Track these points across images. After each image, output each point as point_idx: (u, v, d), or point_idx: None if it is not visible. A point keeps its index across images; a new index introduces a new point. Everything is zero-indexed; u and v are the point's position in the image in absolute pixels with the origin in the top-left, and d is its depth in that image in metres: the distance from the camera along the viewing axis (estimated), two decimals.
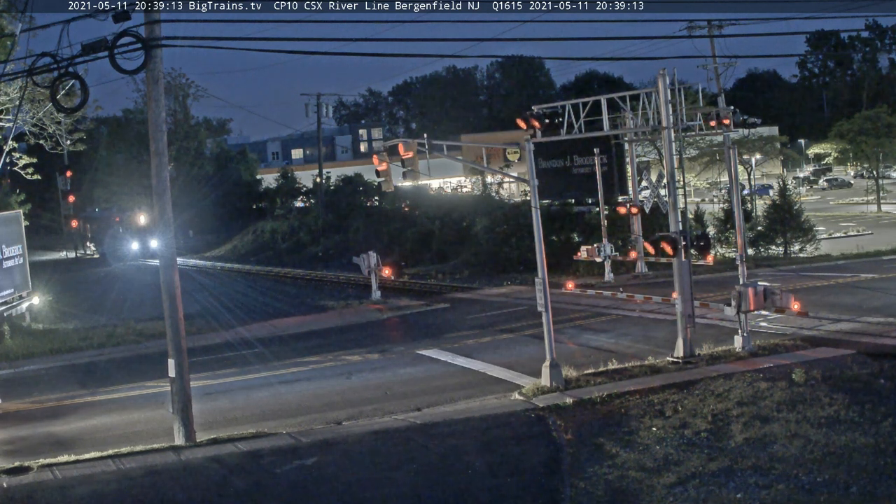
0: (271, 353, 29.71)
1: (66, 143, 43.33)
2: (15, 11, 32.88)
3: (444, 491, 15.42)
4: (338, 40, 42.00)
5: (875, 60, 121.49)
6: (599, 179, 40.90)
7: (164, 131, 19.05)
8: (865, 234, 54.80)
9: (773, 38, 42.80)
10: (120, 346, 32.18)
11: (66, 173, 68.03)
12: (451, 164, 78.05)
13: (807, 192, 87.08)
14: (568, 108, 27.45)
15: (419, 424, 19.25)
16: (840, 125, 76.10)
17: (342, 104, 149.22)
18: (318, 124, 70.33)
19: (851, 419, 17.32)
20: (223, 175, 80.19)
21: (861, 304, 29.92)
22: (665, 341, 25.08)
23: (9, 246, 35.24)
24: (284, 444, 18.18)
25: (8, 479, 16.46)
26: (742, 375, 21.04)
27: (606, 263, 39.71)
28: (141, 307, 39.15)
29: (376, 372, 25.77)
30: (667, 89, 25.09)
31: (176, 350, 18.86)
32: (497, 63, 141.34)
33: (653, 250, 24.10)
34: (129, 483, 16.25)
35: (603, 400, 20.24)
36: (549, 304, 22.11)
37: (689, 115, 29.46)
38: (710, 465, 15.57)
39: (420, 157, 25.87)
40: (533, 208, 22.84)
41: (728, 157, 29.08)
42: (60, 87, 24.78)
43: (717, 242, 45.78)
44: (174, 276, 19.01)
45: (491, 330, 30.91)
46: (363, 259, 39.39)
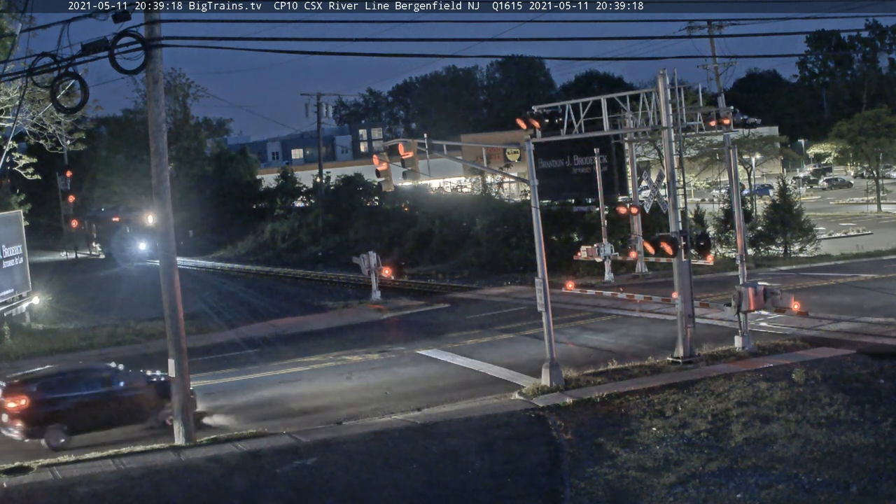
0: (271, 353, 29.72)
1: (66, 143, 43.32)
2: (15, 11, 32.89)
3: (444, 491, 15.42)
4: (338, 40, 41.98)
5: (875, 60, 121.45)
6: (599, 179, 40.88)
7: (164, 131, 19.06)
8: (865, 234, 54.78)
9: (773, 38, 42.83)
10: (121, 345, 32.15)
11: (66, 173, 67.93)
12: (451, 164, 77.98)
13: (807, 192, 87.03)
14: (568, 108, 27.44)
15: (419, 424, 19.26)
16: (840, 125, 76.07)
17: (342, 104, 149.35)
18: (318, 124, 70.27)
19: (851, 419, 17.32)
20: (223, 175, 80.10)
21: (861, 304, 29.92)
22: (665, 341, 25.08)
23: (9, 246, 35.26)
24: (284, 444, 18.19)
25: (8, 479, 16.46)
26: (742, 375, 21.04)
27: (606, 263, 39.71)
28: (142, 307, 39.13)
29: (376, 372, 25.78)
30: (667, 89, 25.09)
31: (176, 350, 18.87)
32: (497, 63, 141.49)
33: (653, 250, 24.12)
34: (129, 483, 16.25)
35: (603, 400, 20.25)
36: (549, 304, 22.11)
37: (689, 115, 29.43)
38: (710, 465, 15.57)
39: (420, 157, 25.87)
40: (533, 208, 22.85)
41: (728, 157, 29.08)
42: (60, 87, 24.76)
43: (717, 242, 45.77)
44: (174, 276, 19.02)
45: (491, 330, 30.91)
46: (363, 259, 39.39)
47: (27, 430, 19.65)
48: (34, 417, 19.63)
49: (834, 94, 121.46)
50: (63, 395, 20.09)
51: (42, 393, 19.89)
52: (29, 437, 19.72)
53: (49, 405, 19.76)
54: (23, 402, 19.65)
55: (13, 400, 19.69)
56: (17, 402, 19.65)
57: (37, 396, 19.76)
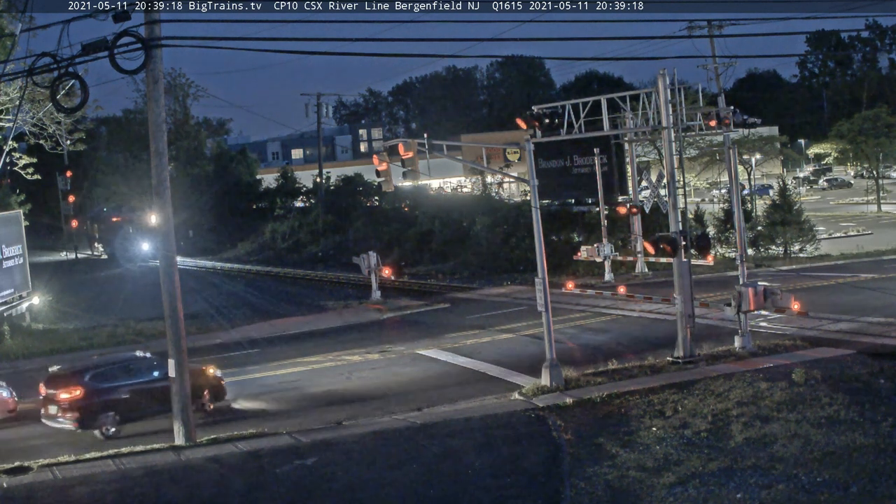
0: (271, 353, 29.73)
1: (66, 143, 43.27)
2: (15, 11, 32.88)
3: (444, 491, 15.41)
4: (338, 40, 42.03)
5: (875, 60, 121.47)
6: (599, 179, 40.89)
7: (164, 131, 19.06)
8: (865, 234, 54.78)
9: (773, 38, 42.82)
10: (120, 345, 32.12)
11: (66, 173, 67.88)
12: (451, 164, 77.92)
13: (807, 192, 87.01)
14: (568, 108, 27.45)
15: (419, 424, 19.26)
16: (840, 125, 76.05)
17: (342, 104, 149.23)
18: (318, 124, 70.23)
19: (851, 419, 17.32)
20: (223, 175, 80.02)
21: (861, 304, 29.92)
22: (665, 341, 25.07)
23: (9, 246, 35.28)
24: (284, 444, 18.19)
25: (8, 479, 16.46)
26: (742, 375, 21.04)
27: (606, 263, 39.71)
28: (142, 307, 39.15)
29: (376, 372, 25.78)
30: (667, 89, 25.09)
31: (176, 350, 18.87)
32: (497, 63, 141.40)
33: (653, 250, 24.11)
34: (129, 483, 16.25)
35: (603, 400, 20.25)
36: (549, 304, 22.11)
37: (689, 115, 29.44)
38: (710, 465, 15.56)
39: (420, 157, 25.88)
40: (533, 208, 22.85)
41: (728, 157, 29.08)
42: (60, 87, 24.74)
43: (717, 242, 45.78)
44: (174, 276, 19.02)
45: (491, 330, 30.91)
46: (363, 259, 39.39)
47: (82, 420, 20.07)
48: (89, 408, 20.01)
49: (834, 94, 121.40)
50: (116, 385, 20.56)
51: (96, 383, 20.27)
52: (83, 427, 20.13)
53: (104, 395, 20.23)
54: (77, 392, 20.05)
55: (67, 391, 20.08)
56: (72, 392, 20.06)
57: (91, 387, 20.16)
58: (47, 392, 20.44)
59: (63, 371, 21.36)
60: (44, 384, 20.74)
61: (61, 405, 20.05)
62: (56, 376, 20.89)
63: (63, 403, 20.02)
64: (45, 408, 20.48)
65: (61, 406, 20.05)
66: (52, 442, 19.90)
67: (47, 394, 20.43)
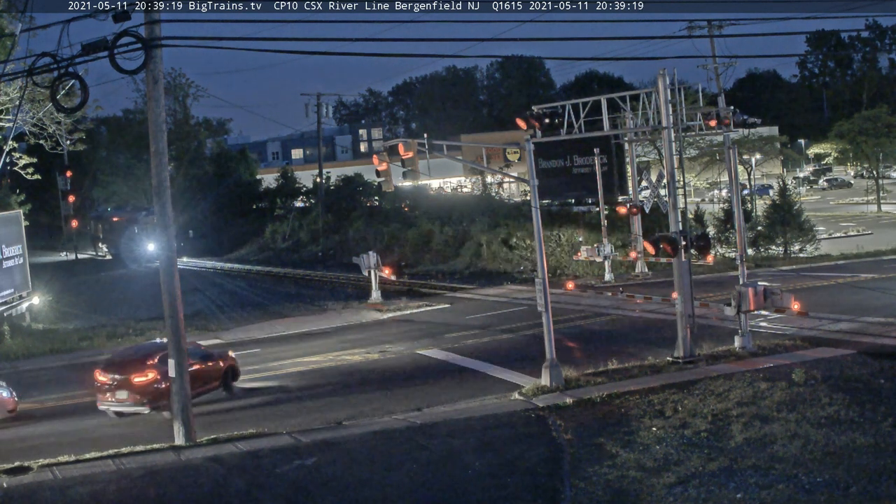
0: (271, 352, 29.73)
1: (66, 143, 43.26)
2: (15, 11, 32.88)
3: (444, 491, 15.41)
4: (338, 40, 42.02)
5: (875, 60, 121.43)
6: (599, 179, 40.91)
7: (164, 131, 19.05)
8: (865, 234, 54.81)
9: (773, 38, 42.82)
10: (120, 346, 32.14)
11: (66, 173, 67.87)
12: (451, 164, 77.92)
13: (807, 192, 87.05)
14: (568, 108, 27.44)
15: (419, 424, 19.26)
16: (840, 125, 76.13)
17: (342, 104, 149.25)
18: (318, 124, 70.23)
19: (851, 419, 17.31)
20: (223, 175, 79.99)
21: (861, 304, 29.93)
22: (665, 341, 25.07)
23: (9, 246, 35.29)
24: (284, 444, 18.19)
25: (8, 479, 16.45)
26: (742, 375, 21.04)
27: (606, 263, 39.72)
28: (143, 307, 39.15)
29: (376, 372, 25.78)
30: (667, 89, 25.10)
31: (176, 350, 18.85)
32: (497, 63, 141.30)
33: (653, 250, 24.10)
34: (129, 483, 16.24)
35: (603, 400, 20.25)
36: (549, 304, 22.11)
37: (689, 115, 29.45)
38: (710, 465, 15.55)
39: (420, 157, 25.89)
40: (533, 208, 22.85)
41: (728, 157, 29.08)
42: (60, 87, 24.72)
43: (717, 242, 45.80)
44: (174, 276, 19.01)
45: (490, 330, 30.92)
46: (363, 259, 39.39)
47: (156, 403, 20.65)
48: (162, 390, 20.39)
49: (834, 94, 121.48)
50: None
51: (164, 366, 20.36)
52: (157, 409, 20.76)
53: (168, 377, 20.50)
54: (150, 375, 20.69)
55: (142, 374, 20.68)
56: (146, 376, 20.67)
57: (162, 370, 20.42)
58: (111, 378, 20.84)
59: (125, 357, 21.97)
60: (102, 371, 21.17)
61: (134, 389, 20.64)
62: (117, 362, 21.42)
63: (137, 387, 20.62)
64: (109, 394, 20.95)
65: (134, 390, 20.63)
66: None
67: (111, 380, 20.82)
